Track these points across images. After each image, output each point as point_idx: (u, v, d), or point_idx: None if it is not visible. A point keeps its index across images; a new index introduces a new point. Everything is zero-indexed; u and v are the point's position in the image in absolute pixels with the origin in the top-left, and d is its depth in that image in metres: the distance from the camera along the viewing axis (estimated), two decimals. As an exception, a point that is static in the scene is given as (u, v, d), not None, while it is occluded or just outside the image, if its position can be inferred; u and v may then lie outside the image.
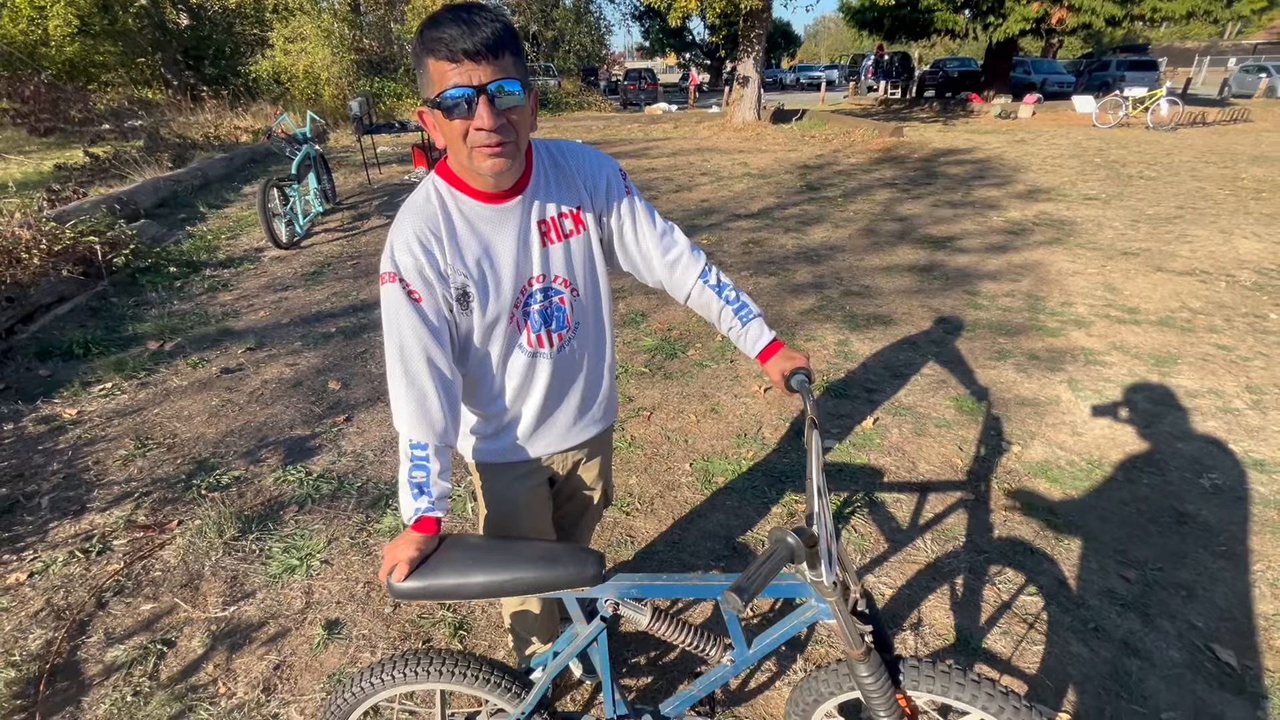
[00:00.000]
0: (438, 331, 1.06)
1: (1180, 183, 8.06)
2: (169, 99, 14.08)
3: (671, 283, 1.26)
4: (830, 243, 5.82)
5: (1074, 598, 1.94)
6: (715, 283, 1.25)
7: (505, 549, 1.10)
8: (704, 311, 1.28)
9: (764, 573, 0.82)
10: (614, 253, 1.24)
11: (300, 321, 4.16)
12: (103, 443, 2.84)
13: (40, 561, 2.14)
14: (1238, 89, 22.23)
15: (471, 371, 1.18)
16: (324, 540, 2.25)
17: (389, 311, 1.05)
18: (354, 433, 2.92)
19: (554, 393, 1.23)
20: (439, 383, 1.07)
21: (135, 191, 6.57)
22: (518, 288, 1.11)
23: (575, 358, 1.23)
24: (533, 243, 1.11)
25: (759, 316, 1.26)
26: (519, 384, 1.20)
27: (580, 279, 1.18)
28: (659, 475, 2.61)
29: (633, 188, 1.21)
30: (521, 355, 1.17)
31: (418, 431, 1.08)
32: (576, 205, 1.15)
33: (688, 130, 14.22)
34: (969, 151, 10.71)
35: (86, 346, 3.72)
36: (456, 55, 0.89)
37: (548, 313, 1.16)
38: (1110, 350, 3.60)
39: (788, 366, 1.20)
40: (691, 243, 1.26)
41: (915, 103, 21.32)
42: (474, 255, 1.06)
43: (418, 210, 1.05)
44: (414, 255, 1.03)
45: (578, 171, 1.15)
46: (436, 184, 1.07)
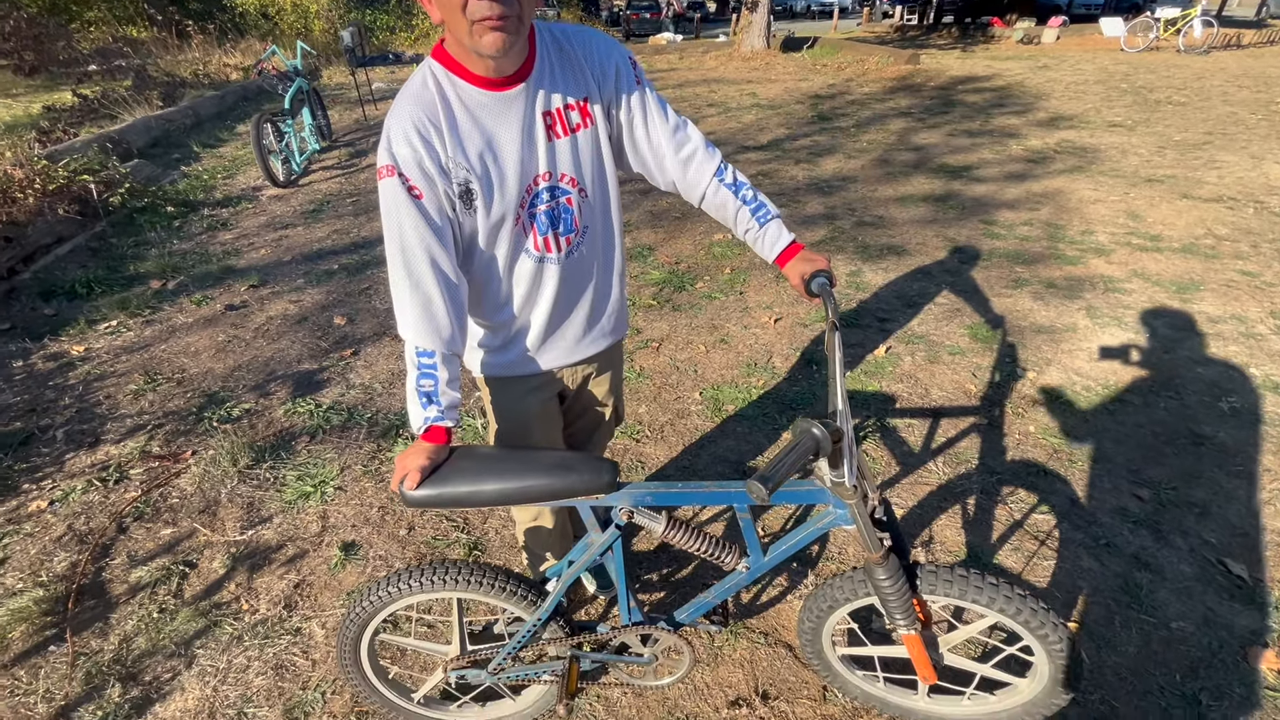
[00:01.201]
0: (441, 231, 1.01)
1: (1211, 108, 7.69)
2: (154, 36, 13.52)
3: (685, 183, 1.19)
4: (842, 174, 5.63)
5: (1086, 516, 1.94)
6: (731, 181, 1.18)
7: (519, 457, 1.08)
8: (719, 213, 1.21)
9: (789, 462, 0.79)
10: (623, 149, 1.16)
11: (302, 259, 4.10)
12: (112, 378, 2.84)
13: (59, 490, 2.17)
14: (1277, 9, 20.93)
15: (477, 277, 1.13)
16: (336, 468, 2.27)
17: (389, 208, 0.99)
18: (361, 366, 2.90)
19: (562, 301, 1.18)
20: (444, 286, 1.03)
21: (126, 131, 6.38)
22: (523, 186, 1.05)
23: (584, 264, 1.17)
24: (538, 136, 1.03)
25: (778, 218, 1.19)
26: (526, 291, 1.15)
27: (588, 178, 1.11)
28: (669, 404, 2.59)
29: (644, 78, 1.12)
30: (528, 260, 1.12)
31: (423, 338, 1.04)
32: (584, 96, 1.07)
33: (694, 61, 13.60)
34: (988, 79, 10.21)
35: (89, 286, 3.68)
36: None
37: (554, 214, 1.09)
38: (1130, 278, 3.50)
39: (808, 269, 1.15)
40: (707, 139, 1.18)
41: (933, 29, 20.25)
42: (476, 148, 0.99)
43: (414, 97, 0.97)
44: (413, 147, 0.96)
45: (585, 58, 1.06)
46: (433, 68, 0.99)
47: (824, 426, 0.85)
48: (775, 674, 1.55)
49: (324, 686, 1.54)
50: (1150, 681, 1.49)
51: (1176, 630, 1.60)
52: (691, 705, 1.49)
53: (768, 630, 1.64)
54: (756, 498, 0.76)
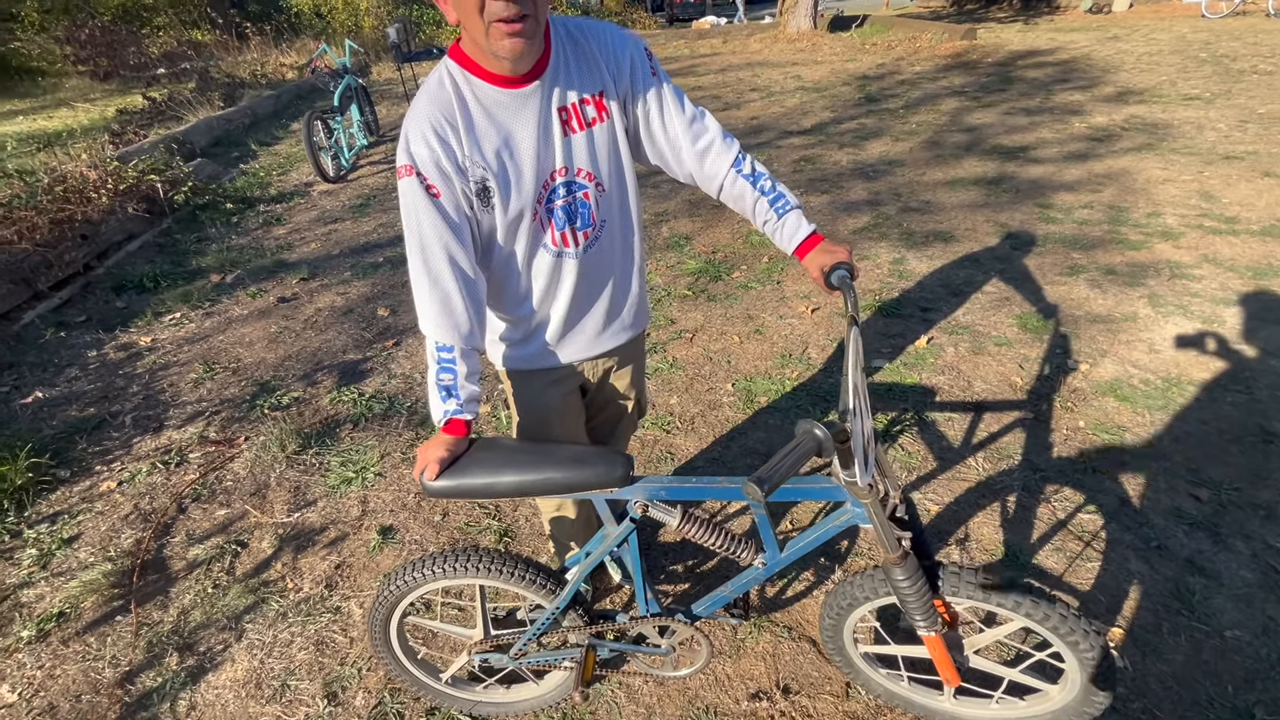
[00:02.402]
0: (458, 229, 1.03)
1: (1303, 76, 7.07)
2: (216, 39, 14.17)
3: (702, 174, 1.18)
4: (889, 157, 5.44)
5: (1137, 516, 1.84)
6: (750, 172, 1.16)
7: (535, 450, 1.10)
8: (737, 205, 1.19)
9: (787, 464, 0.78)
10: (640, 143, 1.16)
11: (349, 252, 4.25)
12: (175, 367, 3.02)
13: (127, 471, 2.34)
14: (1387, -37, 18.96)
15: (496, 273, 1.15)
16: (377, 455, 2.35)
17: (408, 207, 1.02)
18: (403, 356, 3.00)
19: (581, 296, 1.19)
20: (462, 282, 1.05)
21: (190, 131, 6.72)
22: (539, 181, 1.06)
23: (603, 258, 1.18)
24: (554, 132, 1.04)
25: (797, 209, 1.17)
26: (545, 286, 1.16)
27: (605, 172, 1.11)
28: (700, 395, 2.58)
29: (659, 69, 1.11)
30: (546, 255, 1.13)
31: (443, 333, 1.07)
32: (599, 90, 1.06)
33: (737, 44, 13.33)
34: (1051, 52, 9.65)
35: (156, 280, 3.92)
36: None
37: (571, 209, 1.10)
38: (1200, 263, 3.27)
39: (828, 261, 1.12)
40: (724, 130, 1.16)
41: (992, 1, 19.24)
42: (493, 146, 1.01)
43: (432, 97, 0.99)
44: (430, 147, 0.98)
45: (600, 52, 1.06)
46: (450, 68, 1.01)
47: (827, 427, 0.84)
48: (798, 668, 1.53)
49: (360, 663, 1.61)
50: (1199, 692, 1.41)
51: (1231, 639, 1.51)
52: (712, 696, 1.49)
53: (791, 624, 1.63)
54: (753, 498, 0.76)
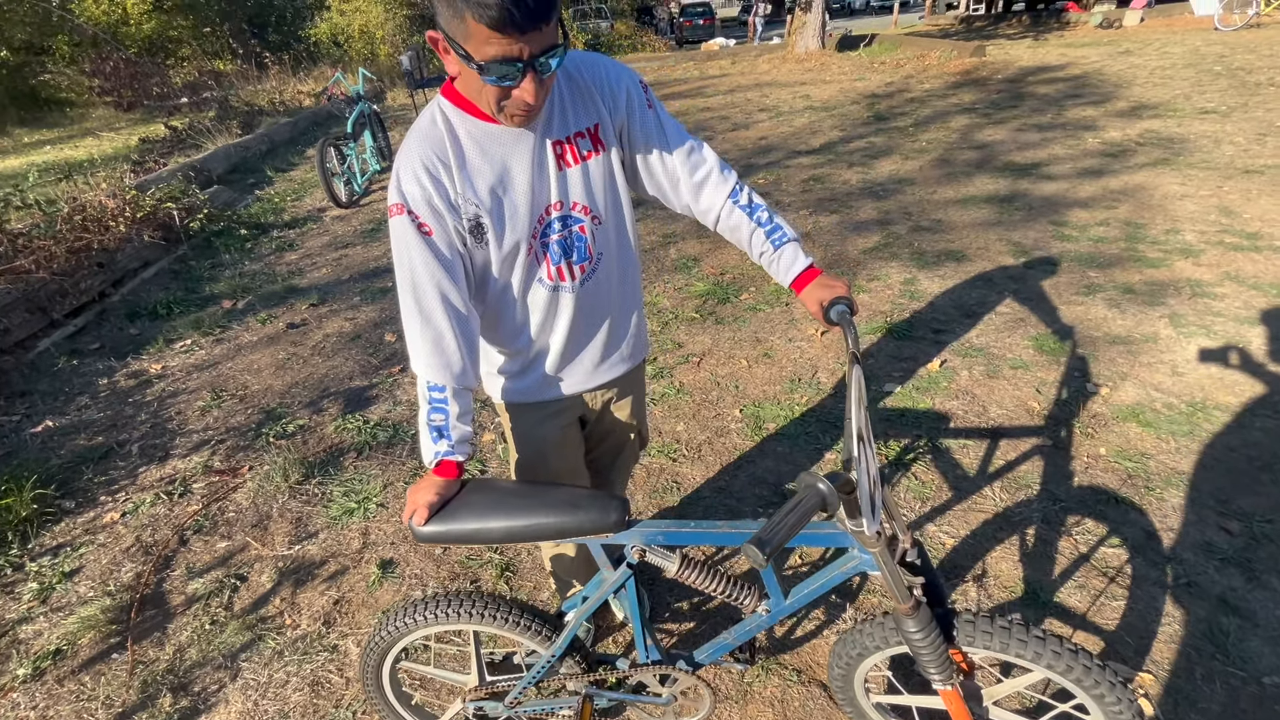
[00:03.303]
0: (451, 266, 1.01)
1: (1322, 87, 6.96)
2: (237, 68, 14.57)
3: (699, 206, 1.15)
4: (898, 176, 5.41)
5: (1164, 551, 1.76)
6: (746, 203, 1.13)
7: (527, 494, 1.06)
8: (733, 236, 1.17)
9: (789, 523, 0.73)
10: (637, 174, 1.14)
11: (359, 277, 4.27)
12: (184, 395, 3.03)
13: (131, 502, 2.33)
14: (1404, -28, 18.77)
15: (491, 307, 1.13)
16: (380, 485, 2.33)
17: (399, 246, 1.00)
18: (409, 383, 2.98)
19: (579, 329, 1.16)
20: (454, 321, 1.03)
21: (208, 159, 6.87)
22: (534, 216, 1.03)
23: (600, 291, 1.15)
24: (548, 166, 1.02)
25: (794, 240, 1.14)
26: (541, 320, 1.14)
27: (601, 205, 1.09)
28: (708, 421, 2.53)
29: (655, 101, 1.09)
30: (542, 289, 1.10)
31: (434, 373, 1.04)
32: (594, 123, 1.05)
33: (746, 65, 13.45)
34: (1062, 68, 9.61)
35: (169, 307, 3.96)
36: (505, 26, 0.78)
37: (567, 243, 1.08)
38: (1223, 281, 3.18)
39: (826, 295, 1.08)
40: (722, 161, 1.13)
41: (1001, 18, 19.30)
42: (486, 182, 0.99)
43: (424, 136, 0.98)
44: (421, 185, 0.96)
45: (595, 85, 1.04)
46: (443, 106, 0.99)
47: (830, 480, 0.79)
48: (807, 715, 1.47)
49: (355, 706, 1.57)
50: (1239, 746, 1.33)
51: (1271, 687, 1.42)
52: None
53: (801, 667, 1.56)
54: (753, 561, 0.71)
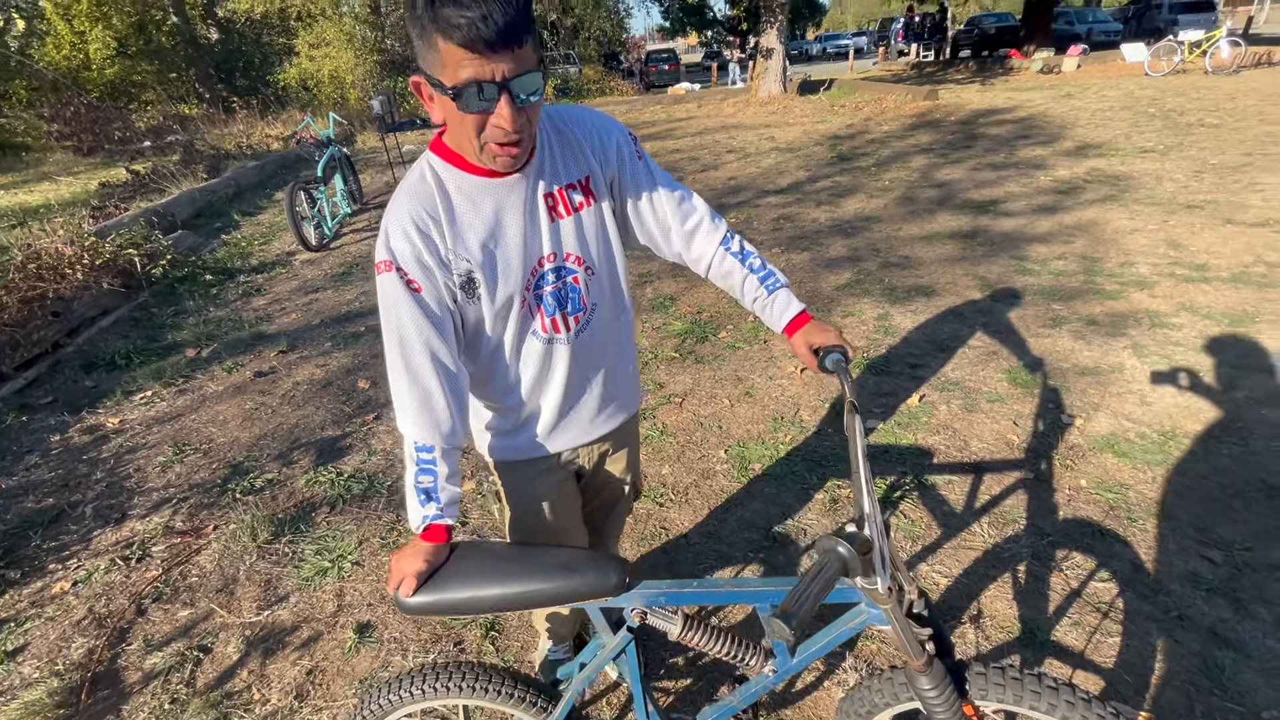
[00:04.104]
0: (440, 323, 0.98)
1: (1247, 128, 7.46)
2: (203, 112, 14.48)
3: (690, 254, 1.15)
4: (865, 213, 5.58)
5: (1152, 583, 1.77)
6: (738, 250, 1.14)
7: (521, 558, 1.01)
8: (725, 282, 1.17)
9: (814, 592, 0.71)
10: (629, 225, 1.14)
11: (330, 322, 4.18)
12: (143, 450, 2.88)
13: (83, 570, 2.18)
14: (1307, 24, 20.53)
15: (483, 363, 1.10)
16: (355, 541, 2.23)
17: (387, 304, 0.97)
18: (384, 431, 2.90)
19: (574, 381, 1.14)
20: (443, 379, 0.99)
21: (172, 203, 6.74)
22: (527, 269, 1.02)
23: (594, 342, 1.13)
24: (540, 218, 1.01)
25: (785, 287, 1.14)
26: (535, 374, 1.11)
27: (595, 255, 1.08)
28: (693, 463, 2.50)
29: (644, 153, 1.10)
30: (536, 342, 1.08)
31: (423, 433, 1.00)
32: (585, 175, 1.04)
33: (712, 108, 13.90)
34: (1010, 110, 10.15)
35: (128, 356, 3.81)
36: (476, 44, 0.77)
37: (561, 294, 1.06)
38: (1178, 311, 3.32)
39: (819, 341, 1.08)
40: (711, 209, 1.14)
41: (949, 64, 20.41)
42: (478, 237, 0.97)
43: (412, 191, 0.96)
44: (411, 241, 0.94)
45: (584, 138, 1.05)
46: (431, 162, 0.98)
47: (849, 542, 0.77)
48: (814, 775, 1.41)
49: (332, 788, 1.46)
50: (1246, 786, 1.31)
51: (1271, 722, 1.42)
52: (722, 812, 1.35)
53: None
54: (779, 637, 0.68)
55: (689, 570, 1.98)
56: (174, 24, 16.67)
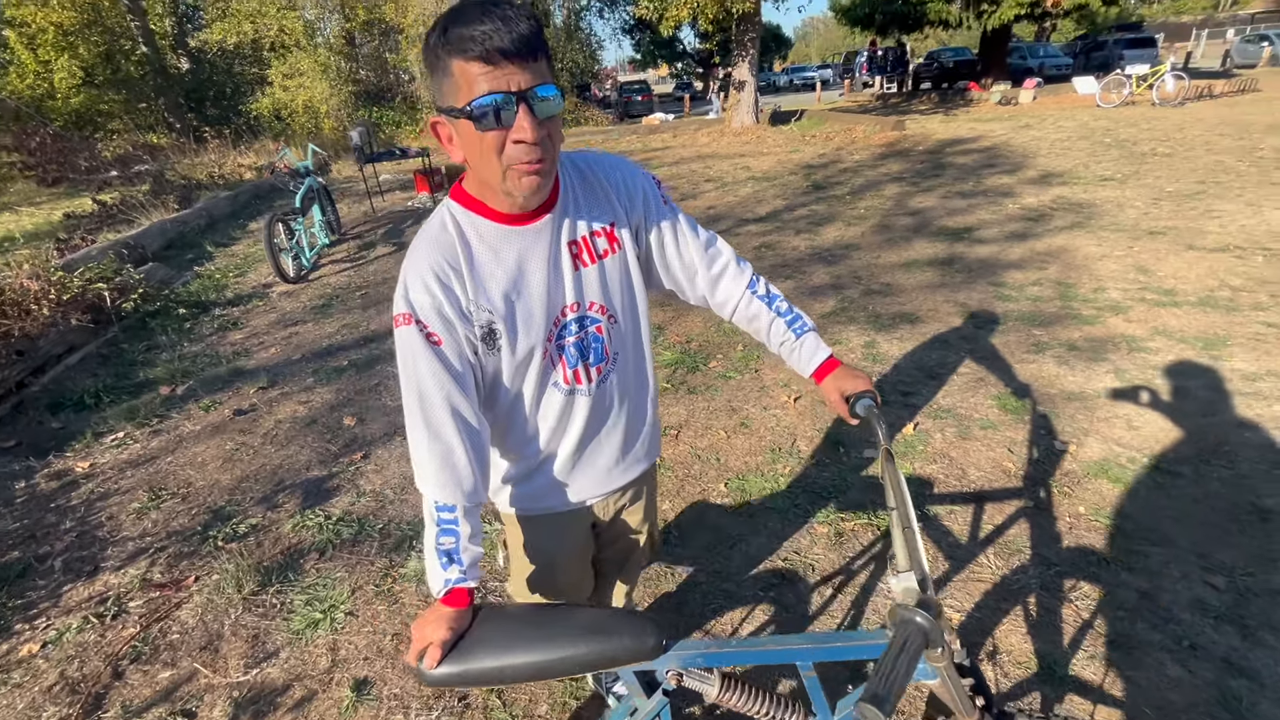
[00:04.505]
0: (461, 377, 0.95)
1: (1196, 157, 7.85)
2: (173, 142, 14.24)
3: (716, 299, 1.14)
4: (844, 241, 5.69)
5: (1161, 612, 1.78)
6: (764, 293, 1.13)
7: (549, 620, 0.97)
8: (750, 326, 1.16)
9: (901, 671, 0.67)
10: (653, 270, 1.12)
11: (312, 356, 4.08)
12: (116, 496, 2.74)
13: (54, 630, 2.04)
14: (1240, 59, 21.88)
15: (501, 416, 1.06)
16: (347, 590, 2.13)
17: (406, 358, 0.94)
18: (372, 470, 2.81)
19: (593, 432, 1.11)
20: (465, 434, 0.96)
21: (142, 235, 6.56)
22: (550, 319, 0.99)
23: (616, 391, 1.10)
24: (564, 267, 0.99)
25: (813, 330, 1.14)
26: (554, 425, 1.08)
27: (618, 303, 1.06)
28: (694, 498, 2.47)
29: (668, 197, 1.09)
30: (557, 394, 1.05)
31: (444, 492, 0.96)
32: (610, 221, 1.03)
33: (687, 138, 14.16)
34: (975, 140, 10.54)
35: (98, 396, 3.65)
36: (492, 55, 0.77)
37: (584, 345, 1.04)
38: (1153, 335, 3.43)
39: (849, 388, 1.07)
40: (737, 254, 1.14)
41: (912, 95, 21.20)
42: (500, 288, 0.95)
43: (433, 241, 0.94)
44: (431, 293, 0.91)
45: (609, 183, 1.03)
46: (452, 209, 0.96)
47: (926, 611, 0.75)
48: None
49: None
50: (1275, 821, 1.31)
51: (1291, 753, 1.42)
52: None
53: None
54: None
55: (698, 610, 1.94)
56: (143, 54, 16.46)
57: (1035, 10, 16.95)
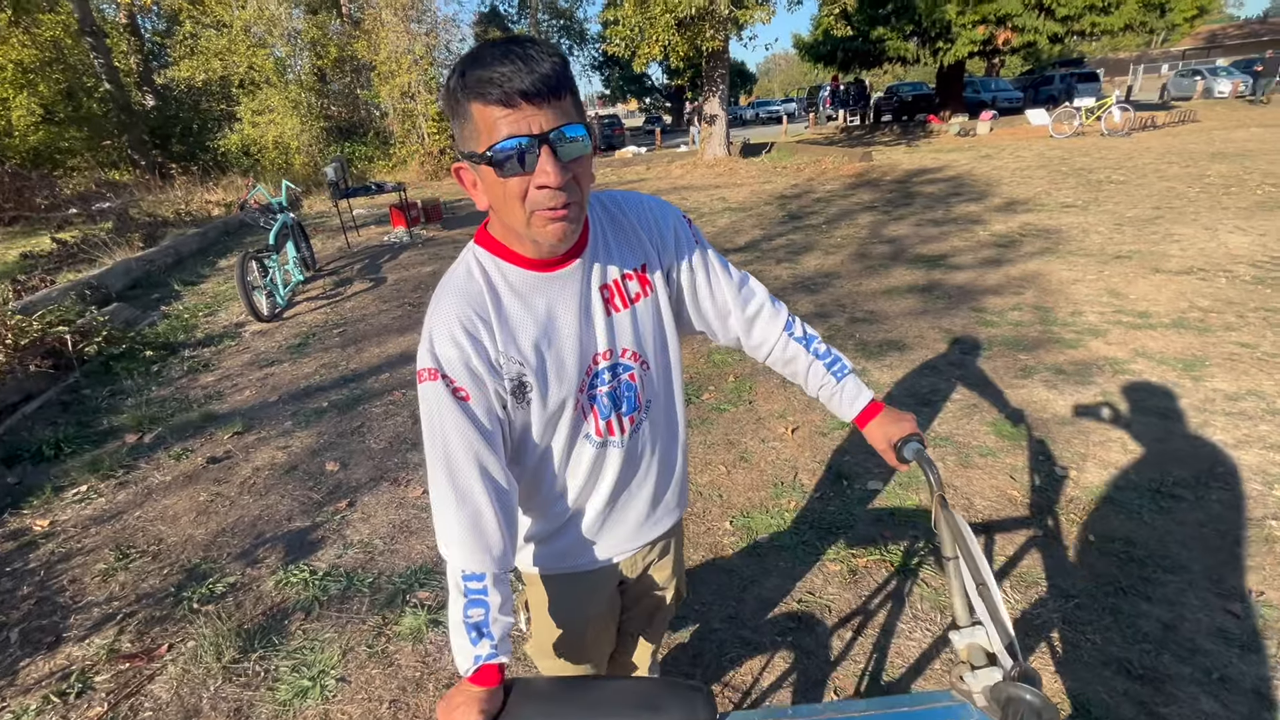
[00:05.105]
0: (490, 434, 0.88)
1: (1149, 184, 8.23)
2: (137, 179, 13.91)
3: (750, 341, 1.10)
4: (825, 270, 5.76)
5: (1185, 643, 1.76)
6: (801, 335, 1.09)
7: (591, 695, 0.89)
8: (787, 369, 1.11)
9: None
10: (684, 312, 1.08)
11: (289, 398, 3.92)
12: (79, 556, 2.55)
13: (9, 713, 1.85)
14: (1176, 92, 23.30)
15: (528, 471, 0.99)
16: (337, 652, 1.99)
17: (431, 416, 0.87)
18: (359, 519, 2.67)
19: (624, 485, 1.04)
20: (494, 496, 0.88)
21: (106, 275, 6.33)
22: (582, 369, 0.94)
23: (648, 441, 1.05)
24: (595, 313, 0.94)
25: (853, 373, 1.10)
26: (584, 480, 1.01)
27: (650, 349, 1.01)
28: (699, 538, 2.40)
29: (701, 236, 1.05)
30: (589, 447, 0.99)
31: (472, 560, 0.88)
32: (641, 264, 0.98)
33: (660, 170, 14.38)
34: (939, 170, 10.91)
35: (58, 446, 3.43)
36: (512, 98, 0.73)
37: (616, 394, 0.98)
38: (1135, 358, 3.50)
39: (895, 433, 1.03)
40: (771, 294, 1.10)
41: (875, 128, 21.97)
42: (530, 338, 0.89)
43: (458, 291, 0.88)
44: (459, 346, 0.85)
45: (640, 224, 0.99)
46: (478, 255, 0.90)
47: (1030, 686, 0.69)
48: None
49: None
50: None
51: (1337, 789, 1.39)
52: None
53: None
54: None
55: (714, 661, 1.85)
56: (107, 90, 16.17)
57: (987, 47, 17.83)
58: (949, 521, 0.94)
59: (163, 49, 19.56)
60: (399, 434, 3.31)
